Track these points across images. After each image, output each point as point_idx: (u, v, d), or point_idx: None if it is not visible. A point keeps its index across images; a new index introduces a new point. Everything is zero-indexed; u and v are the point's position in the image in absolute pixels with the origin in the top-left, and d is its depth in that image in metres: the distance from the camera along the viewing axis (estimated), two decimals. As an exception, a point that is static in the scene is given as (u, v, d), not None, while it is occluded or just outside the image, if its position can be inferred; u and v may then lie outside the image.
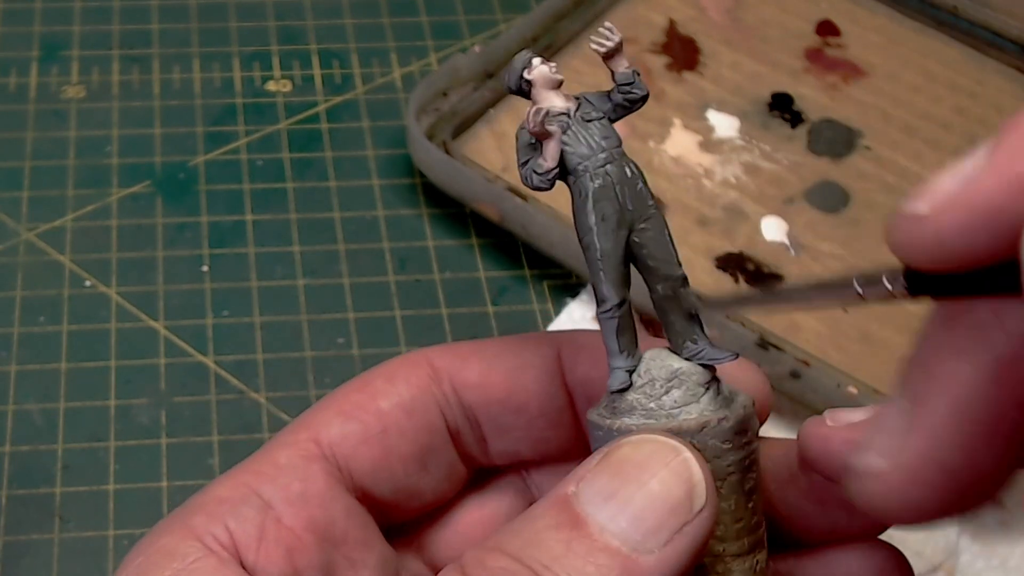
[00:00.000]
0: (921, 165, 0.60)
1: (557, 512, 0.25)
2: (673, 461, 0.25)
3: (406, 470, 0.31)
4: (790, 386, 0.50)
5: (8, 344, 0.51)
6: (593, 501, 0.25)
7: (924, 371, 0.22)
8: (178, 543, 0.27)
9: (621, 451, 0.26)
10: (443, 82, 0.58)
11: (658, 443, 0.26)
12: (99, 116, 0.60)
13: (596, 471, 0.25)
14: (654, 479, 0.25)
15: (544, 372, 0.31)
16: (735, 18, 0.66)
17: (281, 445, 0.30)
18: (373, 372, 0.31)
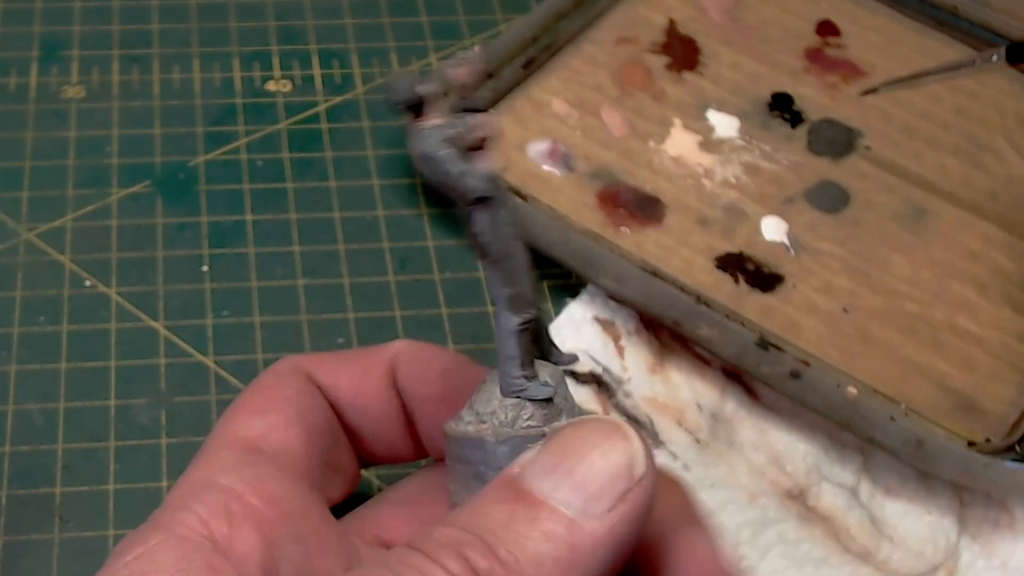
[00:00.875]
0: (921, 165, 0.60)
1: (503, 489, 0.26)
2: (613, 434, 0.26)
3: (327, 443, 0.33)
4: (790, 386, 0.50)
5: (8, 344, 0.51)
6: (536, 475, 0.26)
7: None
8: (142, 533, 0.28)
9: (562, 432, 0.27)
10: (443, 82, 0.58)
11: (598, 420, 0.27)
12: (99, 116, 0.60)
13: (539, 453, 0.27)
14: (595, 451, 0.26)
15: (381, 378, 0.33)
16: (735, 18, 0.66)
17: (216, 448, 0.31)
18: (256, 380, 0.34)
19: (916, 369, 0.52)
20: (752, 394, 0.51)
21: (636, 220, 0.56)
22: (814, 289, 0.54)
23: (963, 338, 0.53)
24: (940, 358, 0.52)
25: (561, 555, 0.25)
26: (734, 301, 0.53)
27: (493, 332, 0.52)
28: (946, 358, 0.52)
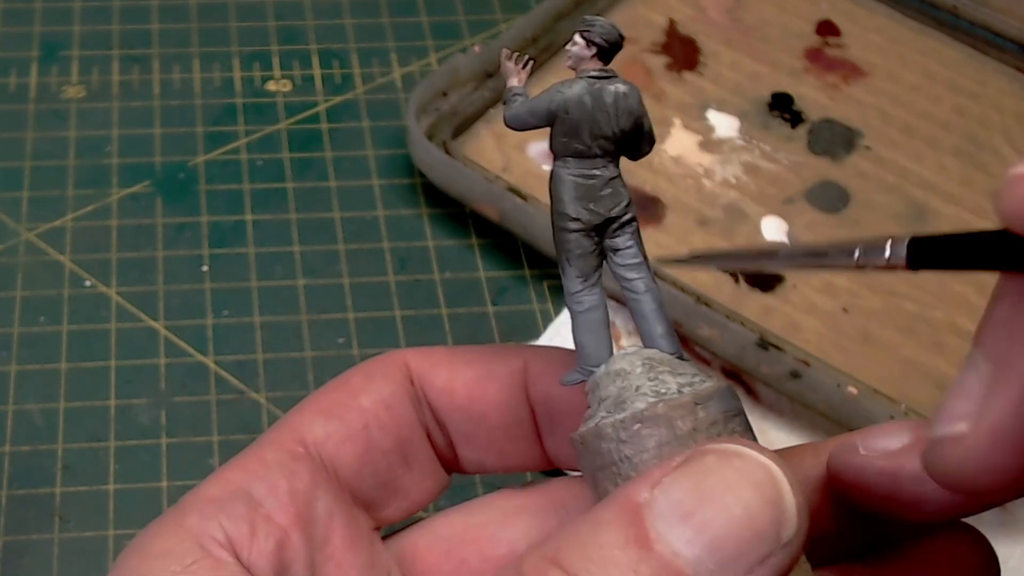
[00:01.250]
0: (921, 165, 0.60)
1: (625, 524, 0.23)
2: (762, 480, 0.23)
3: (389, 465, 0.30)
4: (790, 386, 0.50)
5: (8, 344, 0.51)
6: (667, 518, 0.22)
7: (1006, 331, 0.21)
8: (175, 545, 0.27)
9: (705, 460, 0.23)
10: (443, 82, 0.58)
11: (747, 458, 0.23)
12: (99, 116, 0.60)
13: (674, 479, 0.23)
14: (739, 501, 0.22)
15: (507, 384, 0.31)
16: (735, 18, 0.66)
17: (267, 444, 0.30)
18: (352, 371, 0.31)
19: (916, 369, 0.52)
20: (752, 394, 0.51)
21: (636, 220, 0.56)
22: (814, 289, 0.54)
23: (963, 338, 0.53)
24: (940, 358, 0.52)
25: None
26: (734, 301, 0.53)
27: (495, 331, 0.52)
28: (946, 358, 0.52)
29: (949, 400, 0.22)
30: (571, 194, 0.27)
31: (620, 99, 0.26)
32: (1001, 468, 0.21)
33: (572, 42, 0.27)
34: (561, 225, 0.27)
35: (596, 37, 0.26)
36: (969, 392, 0.22)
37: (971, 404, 0.21)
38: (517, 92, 0.27)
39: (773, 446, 0.52)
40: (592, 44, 0.27)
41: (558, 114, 0.26)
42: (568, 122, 0.26)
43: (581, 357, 0.27)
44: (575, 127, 0.26)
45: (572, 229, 0.27)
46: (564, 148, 0.27)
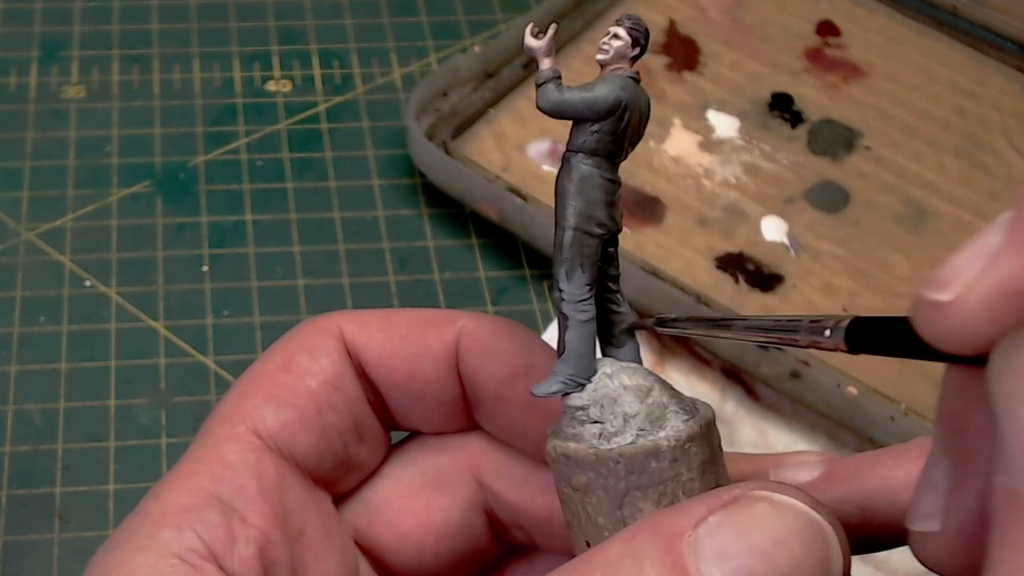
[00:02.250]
0: (921, 165, 0.60)
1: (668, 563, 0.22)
2: (813, 539, 0.22)
3: (344, 443, 0.31)
4: (790, 386, 0.50)
5: (8, 344, 0.51)
6: (711, 562, 0.22)
7: (957, 426, 0.21)
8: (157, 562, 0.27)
9: (756, 508, 0.22)
10: (443, 82, 0.58)
11: (797, 511, 0.22)
12: (99, 116, 0.60)
13: (721, 520, 0.22)
14: (788, 558, 0.22)
15: (442, 361, 0.31)
16: (735, 18, 0.66)
17: (224, 439, 0.29)
18: (290, 343, 0.31)
19: (916, 369, 0.52)
20: (752, 394, 0.51)
21: (636, 220, 0.56)
22: (814, 289, 0.54)
23: (963, 338, 0.53)
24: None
25: None
26: (734, 301, 0.53)
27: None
28: (946, 358, 0.52)
29: (918, 495, 0.22)
30: (600, 197, 0.25)
31: (647, 106, 0.26)
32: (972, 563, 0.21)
33: (614, 36, 0.25)
34: (584, 228, 0.25)
35: (642, 38, 0.25)
36: (936, 487, 0.22)
37: (939, 501, 0.21)
38: (553, 75, 0.25)
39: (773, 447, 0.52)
40: (637, 45, 0.25)
41: (616, 112, 0.25)
42: (622, 122, 0.25)
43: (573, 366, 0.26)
44: (625, 128, 0.25)
45: (596, 234, 0.25)
46: (601, 147, 0.25)
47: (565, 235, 0.25)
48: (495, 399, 0.30)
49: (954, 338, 0.19)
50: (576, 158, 0.25)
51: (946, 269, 0.19)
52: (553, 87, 0.25)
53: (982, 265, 0.19)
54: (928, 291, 0.19)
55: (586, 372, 0.25)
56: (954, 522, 0.21)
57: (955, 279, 0.19)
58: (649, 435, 0.24)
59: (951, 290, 0.19)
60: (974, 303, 0.19)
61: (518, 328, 0.31)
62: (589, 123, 0.25)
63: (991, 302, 0.18)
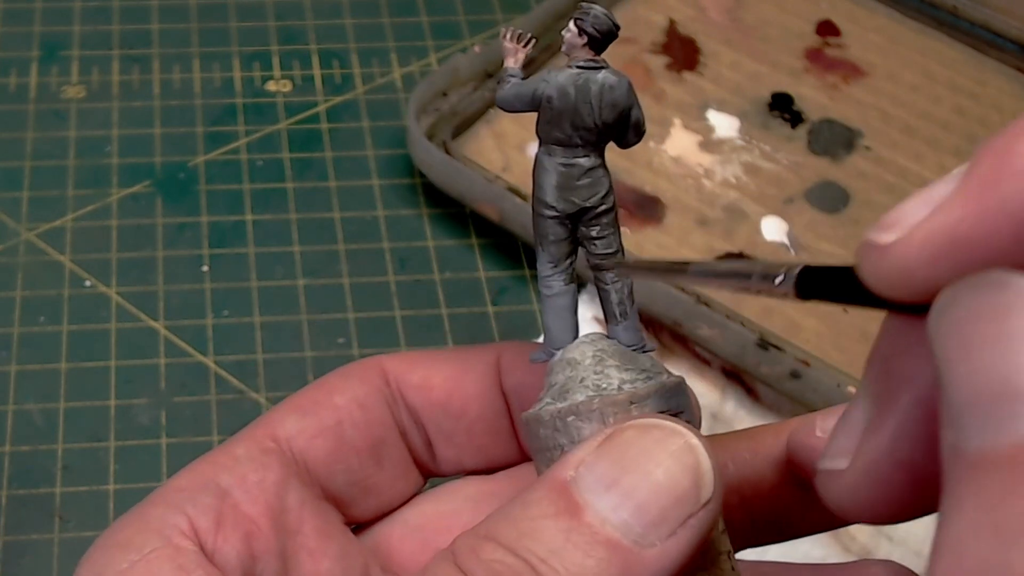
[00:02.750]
0: (921, 165, 0.60)
1: (555, 498, 0.24)
2: (679, 448, 0.24)
3: (361, 463, 0.31)
4: (790, 386, 0.50)
5: (8, 344, 0.51)
6: (594, 489, 0.24)
7: (885, 369, 0.21)
8: (136, 535, 0.27)
9: (624, 435, 0.24)
10: (443, 82, 0.58)
11: (664, 429, 0.24)
12: (99, 116, 0.60)
13: (597, 455, 0.24)
14: (659, 468, 0.24)
15: (484, 376, 0.31)
16: (735, 18, 0.66)
17: (239, 440, 0.30)
18: (329, 374, 0.32)
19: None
20: (752, 394, 0.51)
21: (636, 220, 0.56)
22: (814, 289, 0.54)
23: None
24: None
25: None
26: (734, 301, 0.53)
27: (495, 331, 0.52)
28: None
29: (833, 434, 0.23)
30: (550, 182, 0.27)
31: (605, 91, 0.26)
32: (874, 504, 0.22)
33: (567, 28, 0.27)
34: (538, 211, 0.27)
35: (588, 26, 0.26)
36: (851, 427, 0.22)
37: (851, 440, 0.22)
38: (511, 74, 0.27)
39: (773, 446, 0.51)
40: (584, 33, 0.27)
41: (542, 102, 0.27)
42: (551, 111, 0.26)
43: (546, 339, 0.28)
44: (557, 116, 0.26)
45: (547, 216, 0.27)
46: (547, 135, 0.27)
47: (534, 220, 0.28)
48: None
49: (893, 281, 0.19)
50: (537, 148, 0.27)
51: (893, 214, 0.19)
52: (507, 84, 0.27)
53: (928, 211, 0.19)
54: (873, 234, 0.19)
55: (556, 342, 0.27)
56: (861, 462, 0.21)
57: (900, 223, 0.19)
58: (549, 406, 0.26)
59: (894, 233, 0.19)
60: (914, 246, 0.19)
61: None
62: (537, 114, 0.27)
63: (931, 246, 0.18)
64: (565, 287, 0.28)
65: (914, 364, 0.20)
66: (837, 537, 0.47)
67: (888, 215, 0.19)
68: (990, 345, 0.17)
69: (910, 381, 0.21)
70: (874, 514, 0.22)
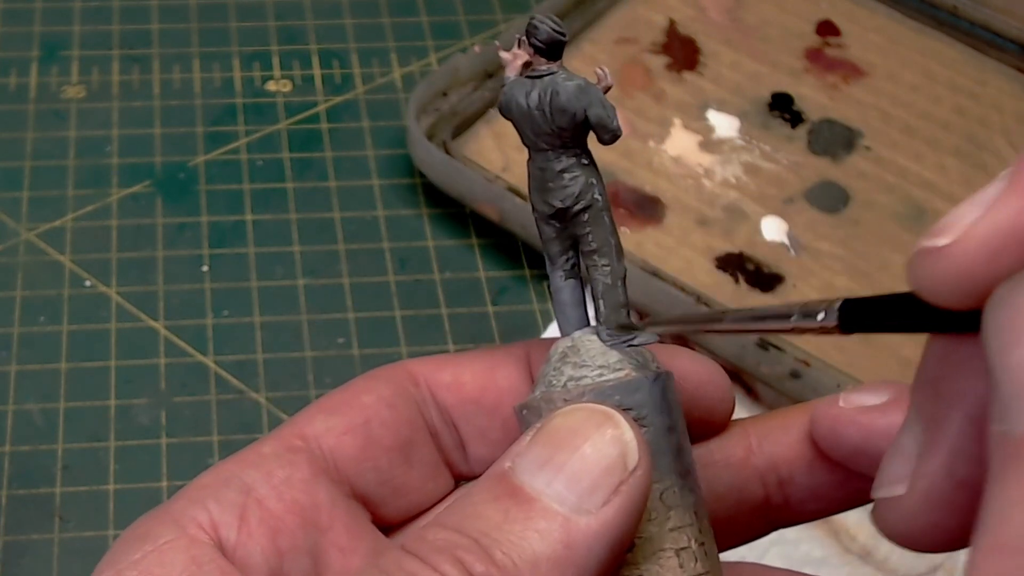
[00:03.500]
0: (921, 165, 0.60)
1: (494, 485, 0.25)
2: (604, 424, 0.26)
3: (390, 461, 0.31)
4: (790, 386, 0.50)
5: (8, 344, 0.51)
6: (528, 470, 0.25)
7: (934, 391, 0.22)
8: (154, 526, 0.27)
9: (552, 422, 0.26)
10: (443, 82, 0.58)
11: (587, 410, 0.26)
12: (99, 116, 0.60)
13: (530, 444, 0.26)
14: (587, 443, 0.25)
15: (515, 370, 0.31)
16: (735, 18, 0.66)
17: (266, 440, 0.30)
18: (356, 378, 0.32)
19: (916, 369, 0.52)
20: (752, 394, 0.51)
21: (636, 220, 0.56)
22: (814, 289, 0.54)
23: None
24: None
25: (557, 554, 0.24)
26: (734, 301, 0.53)
27: (495, 331, 0.52)
28: (946, 358, 0.52)
29: (887, 461, 0.23)
30: (530, 185, 0.28)
31: (552, 97, 0.27)
32: (936, 529, 0.22)
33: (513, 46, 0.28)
34: (534, 214, 0.29)
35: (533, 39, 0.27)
36: (904, 453, 0.22)
37: (906, 466, 0.22)
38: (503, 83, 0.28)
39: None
40: (531, 45, 0.27)
41: (503, 114, 0.28)
42: (512, 120, 0.28)
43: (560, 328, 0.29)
44: (518, 125, 0.27)
45: (535, 217, 0.28)
46: (523, 141, 0.28)
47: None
48: None
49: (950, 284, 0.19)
50: None
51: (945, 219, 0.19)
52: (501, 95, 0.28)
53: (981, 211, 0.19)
54: (926, 240, 0.19)
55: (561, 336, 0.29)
56: (920, 485, 0.22)
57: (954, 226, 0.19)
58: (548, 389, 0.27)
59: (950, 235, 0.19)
60: (973, 245, 0.19)
61: None
62: None
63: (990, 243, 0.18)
64: (563, 283, 0.29)
65: (964, 382, 0.21)
66: (837, 537, 0.47)
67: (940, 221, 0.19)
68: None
69: (961, 399, 0.21)
70: (936, 539, 0.22)
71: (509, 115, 0.28)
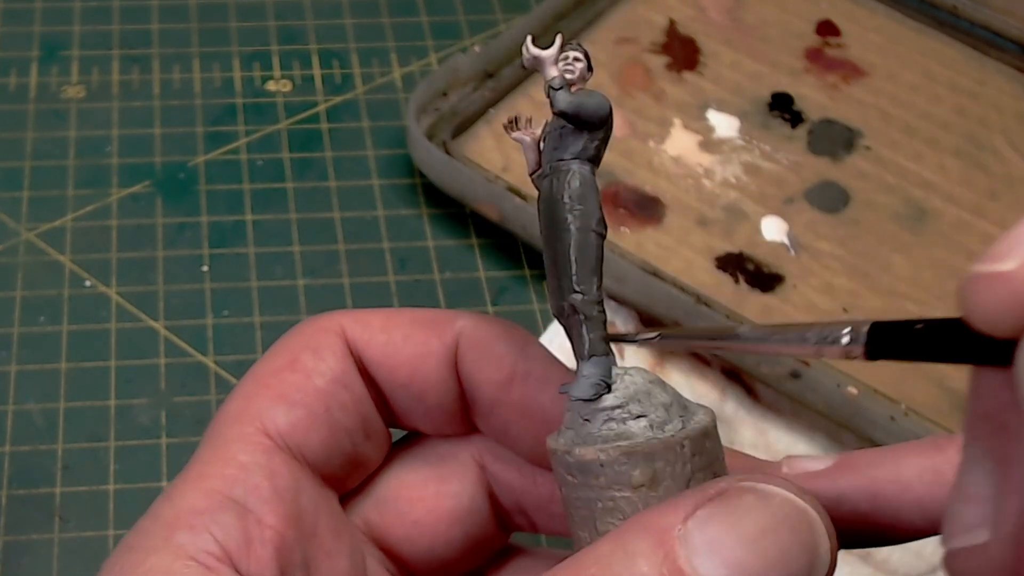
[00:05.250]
0: (921, 165, 0.60)
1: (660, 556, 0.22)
2: (799, 526, 0.23)
3: (353, 442, 0.31)
4: (790, 386, 0.50)
5: (8, 344, 0.51)
6: (702, 554, 0.22)
7: (998, 425, 0.20)
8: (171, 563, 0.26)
9: (743, 499, 0.23)
10: (443, 82, 0.58)
11: (784, 499, 0.23)
12: (99, 116, 0.60)
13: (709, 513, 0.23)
14: (776, 545, 0.22)
15: (444, 361, 0.31)
16: (735, 18, 0.66)
17: (233, 440, 0.29)
18: (293, 342, 0.31)
19: (916, 369, 0.52)
20: (752, 394, 0.51)
21: (636, 220, 0.56)
22: (814, 289, 0.54)
23: (963, 338, 0.53)
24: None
25: None
26: (734, 301, 0.53)
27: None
28: (946, 358, 0.52)
29: (958, 506, 0.21)
30: (599, 200, 0.26)
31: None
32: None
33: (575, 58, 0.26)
34: (597, 230, 0.26)
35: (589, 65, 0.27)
36: (977, 496, 0.21)
37: (983, 509, 0.20)
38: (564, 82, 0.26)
39: (773, 447, 0.52)
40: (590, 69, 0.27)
41: (610, 121, 0.26)
42: (611, 130, 0.26)
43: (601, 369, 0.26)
44: (608, 136, 0.26)
45: (602, 233, 0.27)
46: (598, 153, 0.26)
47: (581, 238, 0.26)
48: (491, 402, 0.30)
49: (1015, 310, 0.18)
50: (576, 164, 0.26)
51: (1002, 244, 0.18)
52: (567, 91, 0.26)
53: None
54: (983, 266, 0.18)
55: (610, 373, 0.26)
56: (1006, 530, 0.20)
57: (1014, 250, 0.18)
58: (690, 418, 0.25)
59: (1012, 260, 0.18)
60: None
61: (516, 330, 0.31)
62: (587, 131, 0.26)
63: None
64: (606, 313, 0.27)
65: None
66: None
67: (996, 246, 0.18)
68: None
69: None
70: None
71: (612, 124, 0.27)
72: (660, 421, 0.25)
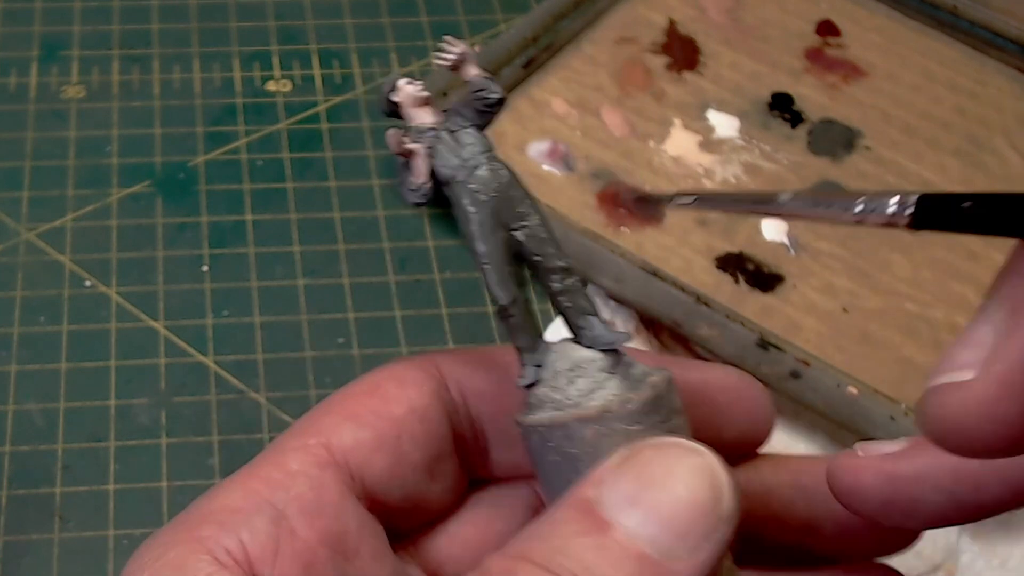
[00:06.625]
0: (921, 165, 0.60)
1: (581, 517, 0.24)
2: (698, 464, 0.25)
3: (416, 478, 0.30)
4: (790, 386, 0.50)
5: (8, 344, 0.51)
6: (618, 505, 0.24)
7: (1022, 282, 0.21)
8: (187, 556, 0.26)
9: (643, 454, 0.25)
10: (443, 82, 0.58)
11: (680, 447, 0.25)
12: (99, 116, 0.60)
13: (618, 474, 0.25)
14: (680, 484, 0.24)
15: None
16: (735, 18, 0.66)
17: (291, 449, 0.28)
18: (380, 374, 0.30)
19: (916, 369, 0.52)
20: (752, 394, 0.51)
21: (636, 220, 0.56)
22: (814, 289, 0.54)
23: (963, 338, 0.53)
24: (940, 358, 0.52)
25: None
26: (734, 301, 0.53)
27: (495, 332, 0.52)
28: (946, 358, 0.52)
29: (954, 349, 0.22)
30: None
31: None
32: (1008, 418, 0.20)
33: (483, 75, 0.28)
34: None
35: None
36: (978, 341, 0.21)
37: (979, 352, 0.21)
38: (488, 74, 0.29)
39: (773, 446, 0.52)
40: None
41: None
42: None
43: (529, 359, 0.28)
44: None
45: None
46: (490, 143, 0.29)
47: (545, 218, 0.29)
48: None
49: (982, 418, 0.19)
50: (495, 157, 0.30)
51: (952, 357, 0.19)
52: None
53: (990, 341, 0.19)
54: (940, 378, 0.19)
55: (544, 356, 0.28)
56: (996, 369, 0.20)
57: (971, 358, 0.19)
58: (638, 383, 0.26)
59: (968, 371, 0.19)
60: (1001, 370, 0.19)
61: None
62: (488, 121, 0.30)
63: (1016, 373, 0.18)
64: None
65: None
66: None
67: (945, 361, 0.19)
68: None
69: None
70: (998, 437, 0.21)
71: None
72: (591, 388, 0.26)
